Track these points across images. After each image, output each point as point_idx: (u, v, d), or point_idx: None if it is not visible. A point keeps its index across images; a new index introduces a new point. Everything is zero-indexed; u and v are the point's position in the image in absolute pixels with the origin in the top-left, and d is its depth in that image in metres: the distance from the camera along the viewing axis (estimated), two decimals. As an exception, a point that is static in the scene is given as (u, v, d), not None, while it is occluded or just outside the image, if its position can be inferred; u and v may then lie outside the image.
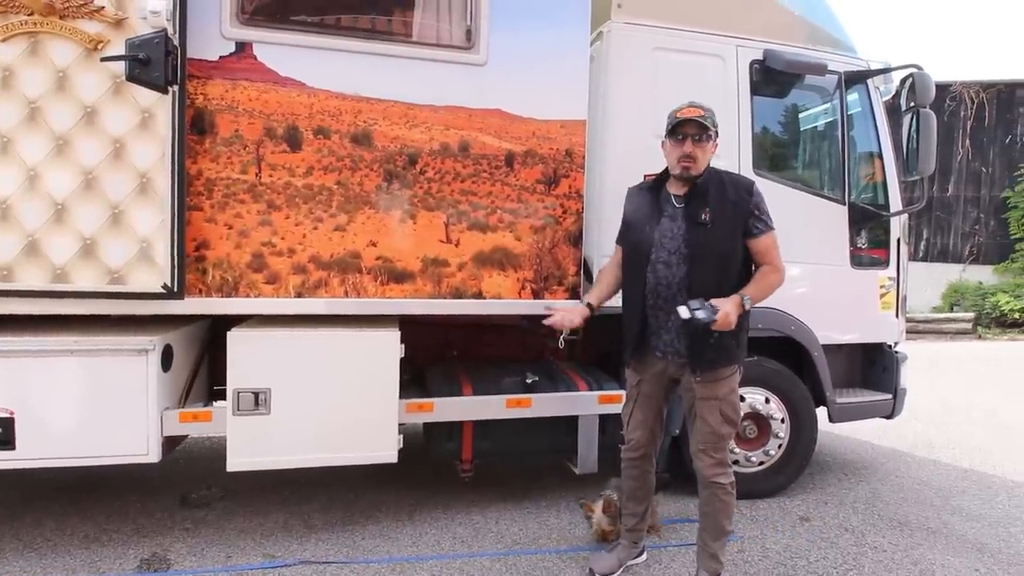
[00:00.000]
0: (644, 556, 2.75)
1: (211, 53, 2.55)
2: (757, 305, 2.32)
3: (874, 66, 3.69)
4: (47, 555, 2.67)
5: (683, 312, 2.23)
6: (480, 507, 3.29)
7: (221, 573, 2.55)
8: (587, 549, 2.81)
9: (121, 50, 2.34)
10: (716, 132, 2.38)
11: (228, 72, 2.58)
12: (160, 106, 2.44)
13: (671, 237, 2.36)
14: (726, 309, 2.19)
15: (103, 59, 2.38)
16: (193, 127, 2.54)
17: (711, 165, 2.42)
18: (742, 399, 3.24)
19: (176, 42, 2.38)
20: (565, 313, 2.58)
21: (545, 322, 2.61)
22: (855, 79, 3.64)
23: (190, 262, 2.56)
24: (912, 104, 3.35)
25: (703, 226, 2.31)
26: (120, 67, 2.35)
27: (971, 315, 12.41)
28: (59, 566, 2.58)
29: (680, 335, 2.34)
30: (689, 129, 2.33)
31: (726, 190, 2.36)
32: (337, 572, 2.59)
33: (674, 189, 2.44)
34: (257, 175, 2.64)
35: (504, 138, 2.88)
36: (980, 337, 12.08)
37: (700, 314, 2.19)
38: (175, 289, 2.47)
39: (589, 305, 2.62)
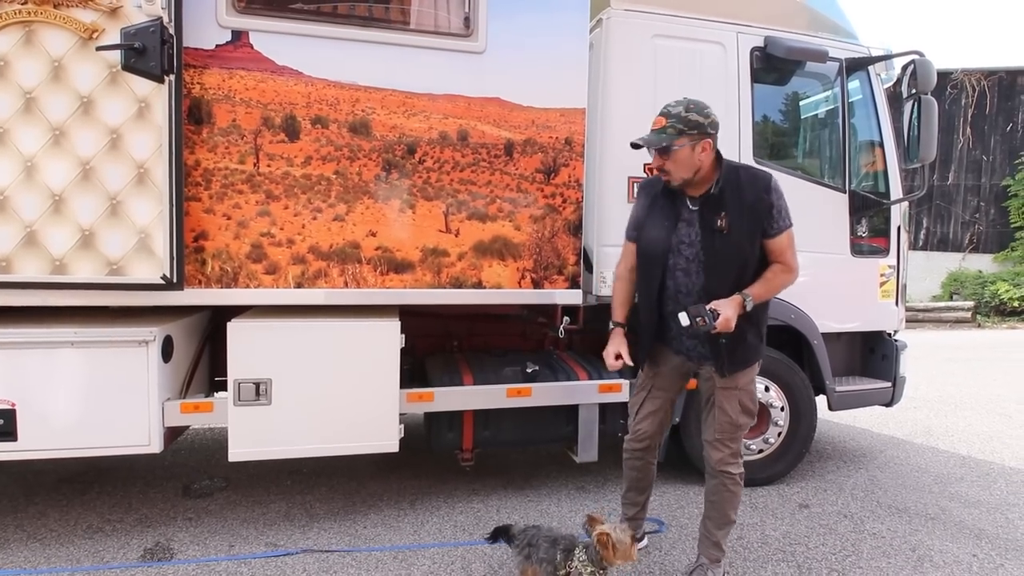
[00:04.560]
0: (645, 542, 2.76)
1: (207, 42, 2.53)
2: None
3: (875, 53, 3.66)
4: (51, 545, 2.69)
5: (683, 319, 2.19)
6: (481, 496, 3.31)
7: (224, 562, 2.57)
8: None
9: (116, 39, 2.32)
10: (691, 133, 2.17)
11: (224, 61, 2.56)
12: (156, 96, 2.42)
13: (688, 243, 2.26)
14: (726, 314, 2.12)
15: (98, 48, 2.36)
16: (190, 117, 2.53)
17: (726, 160, 2.27)
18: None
19: (172, 31, 2.36)
20: (621, 351, 2.39)
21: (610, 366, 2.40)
22: (856, 66, 3.61)
23: (189, 253, 2.55)
24: (913, 91, 3.32)
25: (719, 233, 2.19)
26: (116, 56, 2.33)
27: (970, 304, 12.43)
28: (63, 556, 2.60)
29: (704, 341, 2.28)
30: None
31: (743, 191, 2.20)
32: (339, 560, 2.61)
33: (689, 190, 2.29)
34: (255, 165, 2.62)
35: (503, 127, 2.86)
36: (979, 326, 12.11)
37: (699, 321, 2.15)
38: (174, 280, 2.47)
39: (621, 325, 2.45)
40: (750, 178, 2.25)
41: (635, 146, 2.29)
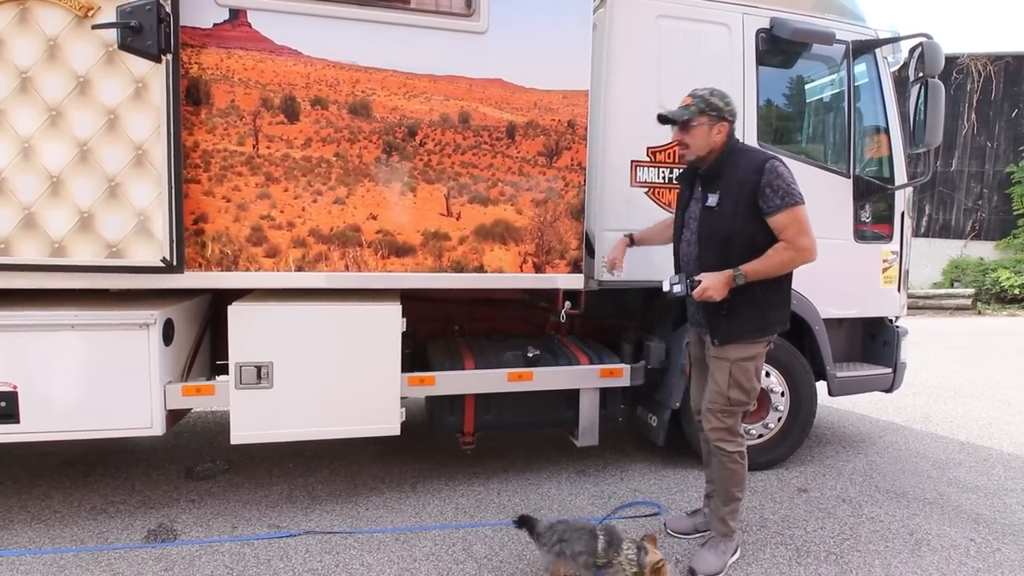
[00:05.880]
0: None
1: (205, 20, 2.49)
2: None
3: (882, 35, 3.61)
4: (55, 526, 2.71)
5: (664, 285, 2.45)
6: (482, 479, 3.33)
7: (227, 543, 2.59)
8: (590, 519, 2.84)
9: (112, 17, 2.28)
10: (711, 114, 2.36)
11: (222, 40, 2.52)
12: (154, 76, 2.39)
13: (693, 218, 2.47)
14: (704, 284, 2.28)
15: (94, 27, 2.32)
16: (188, 97, 2.49)
17: (736, 143, 2.41)
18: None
19: (169, 9, 2.32)
20: (611, 251, 2.88)
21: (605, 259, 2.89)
22: (863, 48, 3.56)
23: (189, 235, 2.53)
24: (920, 74, 3.28)
25: (710, 210, 2.38)
26: (112, 35, 2.29)
27: (971, 291, 12.41)
28: (67, 537, 2.62)
29: (699, 308, 2.44)
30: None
31: (737, 172, 2.33)
32: (342, 542, 2.63)
33: (702, 171, 2.47)
34: (254, 147, 2.59)
35: (505, 109, 2.83)
36: (980, 313, 12.11)
37: (676, 288, 2.38)
38: (174, 263, 2.46)
39: (630, 236, 2.89)
40: (746, 160, 2.36)
41: (661, 118, 2.49)
